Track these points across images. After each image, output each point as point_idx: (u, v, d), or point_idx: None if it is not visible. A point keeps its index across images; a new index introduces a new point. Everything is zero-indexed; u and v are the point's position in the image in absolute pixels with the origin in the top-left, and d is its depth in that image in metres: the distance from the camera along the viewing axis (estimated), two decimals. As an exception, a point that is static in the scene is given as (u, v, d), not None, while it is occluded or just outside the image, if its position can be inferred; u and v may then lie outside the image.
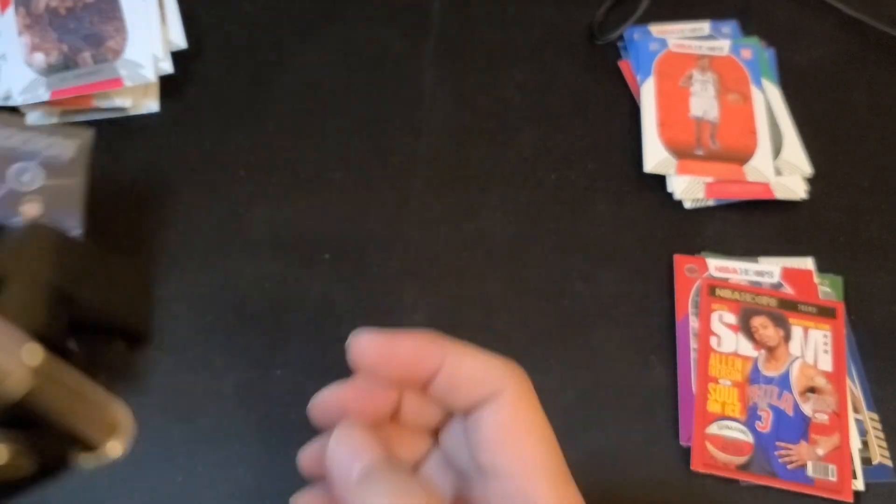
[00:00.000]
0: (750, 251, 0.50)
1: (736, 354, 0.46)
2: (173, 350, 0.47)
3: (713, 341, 0.46)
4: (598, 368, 0.47)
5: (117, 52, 0.53)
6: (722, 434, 0.44)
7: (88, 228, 0.50)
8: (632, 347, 0.47)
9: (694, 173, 0.52)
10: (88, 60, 0.53)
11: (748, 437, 0.44)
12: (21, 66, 0.52)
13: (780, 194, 0.51)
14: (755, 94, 0.55)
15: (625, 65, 0.57)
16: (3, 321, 0.22)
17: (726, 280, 0.48)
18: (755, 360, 0.46)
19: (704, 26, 0.58)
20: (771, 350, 0.47)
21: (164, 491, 0.43)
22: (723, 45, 0.56)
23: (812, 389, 0.46)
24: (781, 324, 0.47)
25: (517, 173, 0.53)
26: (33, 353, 0.22)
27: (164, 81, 0.55)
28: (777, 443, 0.44)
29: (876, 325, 0.48)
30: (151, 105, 0.55)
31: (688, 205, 0.52)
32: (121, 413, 0.25)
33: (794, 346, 0.47)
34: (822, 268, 0.49)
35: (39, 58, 0.53)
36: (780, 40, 0.58)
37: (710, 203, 0.52)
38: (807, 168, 0.52)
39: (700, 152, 0.52)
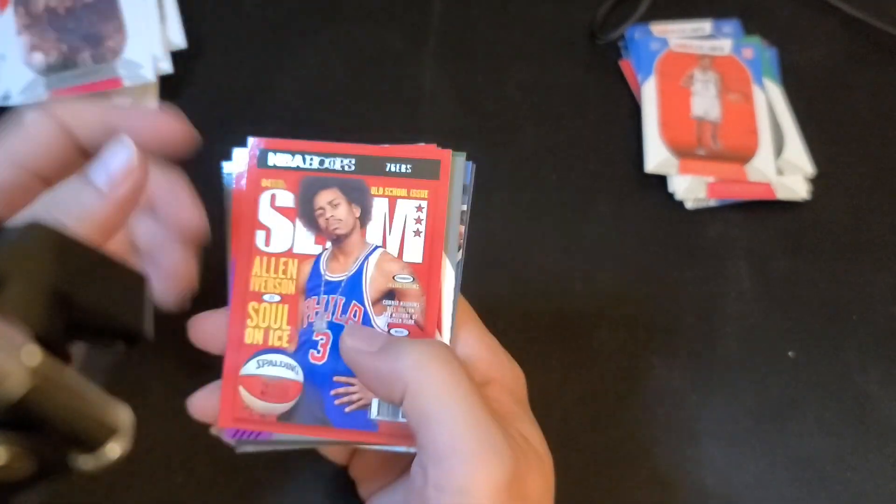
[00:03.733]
0: (751, 252, 0.50)
1: (290, 254, 0.33)
2: (173, 351, 0.47)
3: (259, 238, 0.34)
4: (598, 369, 0.46)
5: (116, 52, 0.53)
6: (262, 374, 0.33)
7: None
8: (633, 349, 0.47)
9: (695, 173, 0.51)
10: (87, 60, 0.53)
11: (297, 375, 0.32)
12: (20, 66, 0.52)
13: (782, 194, 0.51)
14: (757, 93, 0.54)
15: (626, 64, 0.57)
16: (1, 321, 0.22)
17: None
18: (316, 259, 0.34)
19: (706, 25, 0.58)
20: (340, 240, 0.34)
21: (163, 492, 0.43)
22: (724, 45, 0.56)
23: (391, 294, 0.33)
24: (358, 198, 0.34)
25: (518, 173, 0.53)
26: (32, 354, 0.21)
27: (164, 81, 0.55)
28: (335, 378, 0.32)
29: (878, 325, 0.48)
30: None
31: (689, 205, 0.51)
32: (120, 414, 0.25)
33: (374, 229, 0.33)
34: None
35: (38, 58, 0.52)
36: (782, 40, 0.58)
37: (712, 203, 0.51)
38: (808, 168, 0.52)
39: (701, 152, 0.52)
